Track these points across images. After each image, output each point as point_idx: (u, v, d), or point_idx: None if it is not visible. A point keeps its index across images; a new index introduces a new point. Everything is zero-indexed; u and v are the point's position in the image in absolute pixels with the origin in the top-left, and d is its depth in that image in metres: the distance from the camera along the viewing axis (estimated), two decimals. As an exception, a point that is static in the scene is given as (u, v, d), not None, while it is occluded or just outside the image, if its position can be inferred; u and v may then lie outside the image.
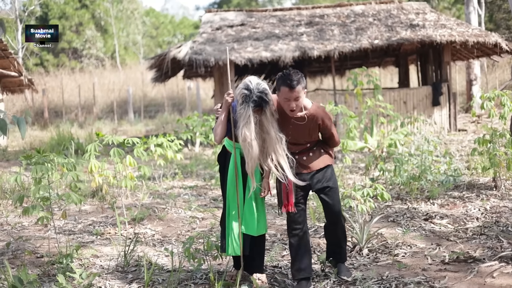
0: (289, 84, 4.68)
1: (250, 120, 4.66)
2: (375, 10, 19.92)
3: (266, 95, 4.71)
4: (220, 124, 4.96)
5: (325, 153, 5.20)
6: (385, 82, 30.22)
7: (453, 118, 17.96)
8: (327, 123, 5.06)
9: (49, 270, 5.60)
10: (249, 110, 4.66)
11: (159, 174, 11.74)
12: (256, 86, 4.71)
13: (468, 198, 8.23)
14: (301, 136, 5.02)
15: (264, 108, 4.73)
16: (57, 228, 7.49)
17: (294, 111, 4.80)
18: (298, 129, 4.96)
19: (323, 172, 5.14)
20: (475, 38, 16.85)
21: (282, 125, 4.91)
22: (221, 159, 5.30)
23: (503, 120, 8.17)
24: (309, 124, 4.96)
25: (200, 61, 16.46)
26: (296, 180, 4.91)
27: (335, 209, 5.18)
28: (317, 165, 5.12)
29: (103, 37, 42.78)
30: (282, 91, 4.74)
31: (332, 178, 5.20)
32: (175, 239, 7.11)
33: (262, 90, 4.71)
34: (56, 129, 19.19)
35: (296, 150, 5.07)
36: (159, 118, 26.76)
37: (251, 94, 4.67)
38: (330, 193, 5.14)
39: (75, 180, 6.05)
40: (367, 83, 12.02)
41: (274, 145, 4.81)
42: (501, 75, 26.35)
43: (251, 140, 4.68)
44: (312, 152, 5.14)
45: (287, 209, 5.02)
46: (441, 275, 5.25)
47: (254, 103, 4.66)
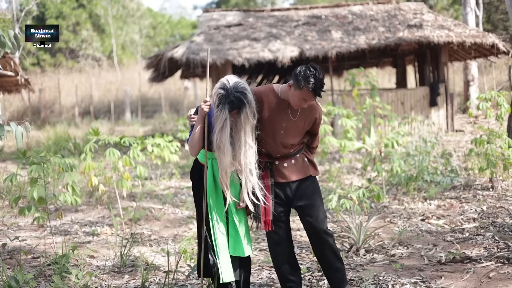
0: (316, 91, 4.24)
1: (226, 124, 4.20)
2: (373, 10, 19.92)
3: (245, 96, 4.21)
4: (195, 136, 4.42)
5: (308, 162, 4.69)
6: (382, 82, 30.21)
7: (450, 118, 17.97)
8: (320, 119, 4.70)
9: (45, 270, 5.59)
10: (225, 112, 4.18)
11: (156, 174, 11.72)
12: (234, 85, 4.22)
13: (464, 198, 8.23)
14: (292, 134, 4.51)
15: (241, 110, 4.22)
16: (53, 229, 7.48)
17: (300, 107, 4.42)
18: (292, 124, 4.48)
19: (305, 185, 4.61)
20: (473, 39, 16.86)
21: (275, 118, 4.46)
22: (194, 174, 4.70)
23: (500, 121, 8.18)
24: (306, 117, 4.51)
25: (197, 61, 16.44)
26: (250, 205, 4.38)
27: (319, 227, 4.56)
28: (297, 175, 4.60)
29: (100, 37, 42.74)
30: (304, 92, 4.26)
31: (315, 193, 4.63)
32: (172, 240, 7.11)
33: (241, 89, 4.21)
34: (53, 129, 19.16)
35: (277, 154, 4.56)
36: (156, 118, 26.75)
37: (228, 95, 4.18)
38: (311, 210, 4.56)
39: (72, 181, 6.04)
40: (365, 83, 12.03)
41: (245, 154, 4.31)
42: (498, 76, 26.36)
43: (224, 147, 4.22)
44: (295, 159, 4.62)
45: (265, 226, 4.51)
46: (438, 275, 5.25)
47: (231, 105, 4.17)
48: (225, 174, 4.33)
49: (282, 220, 4.60)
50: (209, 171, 4.50)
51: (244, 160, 4.30)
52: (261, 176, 4.50)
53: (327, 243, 4.61)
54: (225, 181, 4.35)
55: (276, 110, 4.47)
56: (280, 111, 4.47)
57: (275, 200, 4.56)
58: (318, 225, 4.56)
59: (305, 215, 4.59)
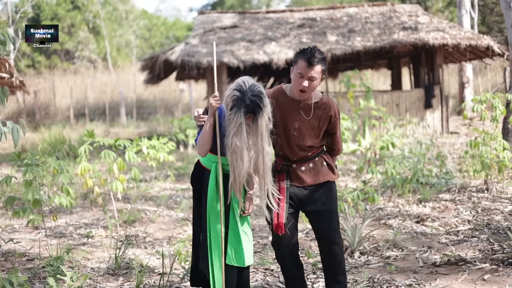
0: (309, 59, 4.08)
1: (241, 128, 3.97)
2: (368, 12, 19.96)
3: (262, 100, 3.99)
4: (205, 134, 4.16)
5: (327, 167, 4.44)
6: (378, 84, 30.25)
7: (445, 120, 18.00)
8: (338, 117, 4.41)
9: (39, 272, 5.57)
10: (240, 116, 3.95)
11: (151, 176, 11.71)
12: (250, 88, 3.99)
13: (459, 200, 8.24)
14: (308, 134, 4.31)
15: (258, 115, 4.00)
16: (48, 231, 7.46)
17: (305, 93, 4.18)
18: (305, 124, 4.29)
19: (321, 191, 4.38)
20: (468, 41, 16.90)
21: (288, 118, 4.29)
22: (195, 179, 4.47)
23: (495, 123, 8.19)
24: (320, 116, 4.30)
25: (192, 63, 16.45)
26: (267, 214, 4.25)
27: (329, 236, 4.39)
28: (315, 179, 4.38)
29: (95, 39, 42.70)
30: (299, 64, 4.12)
31: (331, 199, 4.41)
32: (167, 242, 7.10)
33: (257, 93, 3.99)
34: (48, 131, 19.12)
35: (295, 157, 4.37)
36: (151, 120, 26.72)
37: (244, 97, 3.96)
38: (324, 218, 4.37)
39: (67, 182, 6.03)
40: (360, 85, 12.05)
41: (262, 160, 4.09)
42: (493, 78, 26.43)
43: (241, 152, 4.00)
44: (313, 162, 4.39)
45: (277, 230, 4.29)
46: (432, 277, 5.25)
47: (246, 108, 3.95)
48: (239, 181, 4.09)
49: (291, 222, 4.39)
50: (212, 175, 4.28)
51: (262, 167, 4.11)
52: (277, 178, 4.37)
53: (335, 254, 4.42)
54: (239, 187, 4.12)
55: (287, 111, 4.31)
56: (292, 111, 4.30)
57: (288, 202, 4.37)
58: (330, 234, 4.38)
59: (317, 222, 4.41)
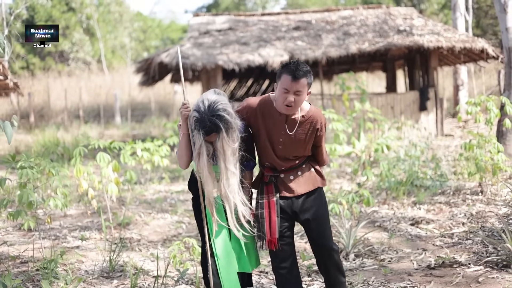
0: (293, 72, 3.94)
1: (202, 151, 3.88)
2: (363, 15, 19.97)
3: (222, 119, 3.82)
4: (181, 145, 4.09)
5: (316, 172, 4.36)
6: (372, 87, 30.30)
7: (440, 123, 18.03)
8: (324, 130, 4.28)
9: (33, 275, 5.55)
10: (200, 139, 3.85)
11: (146, 179, 11.69)
12: (209, 107, 3.83)
13: (454, 203, 8.25)
14: (294, 147, 4.20)
15: (218, 135, 3.86)
16: (42, 233, 7.44)
17: (290, 108, 4.01)
18: (290, 139, 4.16)
19: (312, 198, 4.30)
20: (462, 43, 16.92)
21: (273, 132, 4.14)
22: (192, 186, 4.34)
23: (489, 125, 8.20)
24: (307, 130, 4.17)
25: (187, 65, 16.43)
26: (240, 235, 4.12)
27: (324, 243, 4.30)
28: (305, 188, 4.29)
29: (90, 41, 42.64)
30: (283, 79, 3.98)
31: (322, 206, 4.34)
32: (161, 244, 7.08)
33: (218, 111, 3.82)
34: (42, 133, 19.09)
35: (282, 167, 4.25)
36: (146, 122, 26.70)
37: (203, 118, 3.82)
38: (317, 225, 4.29)
39: (61, 185, 6.01)
40: (355, 88, 12.06)
41: (227, 182, 3.98)
42: (488, 81, 26.49)
43: (204, 175, 3.93)
44: (301, 170, 4.30)
45: (270, 246, 4.22)
46: (427, 280, 5.26)
47: (205, 130, 3.82)
48: (208, 201, 4.04)
49: (287, 235, 4.29)
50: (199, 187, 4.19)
51: (226, 188, 3.98)
52: (265, 191, 4.27)
53: (332, 259, 4.34)
54: (210, 207, 4.05)
55: (272, 124, 4.16)
56: (277, 125, 4.15)
57: (280, 216, 4.25)
58: (324, 241, 4.30)
59: (311, 230, 4.30)
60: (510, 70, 9.85)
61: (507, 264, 5.35)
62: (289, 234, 4.31)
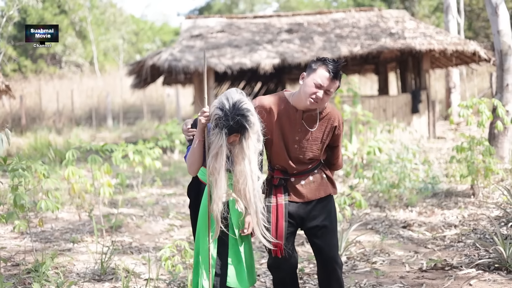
0: (333, 71, 3.79)
1: (221, 151, 3.67)
2: (355, 18, 20.00)
3: (247, 119, 3.65)
4: (195, 152, 3.87)
5: (327, 179, 4.17)
6: (365, 89, 30.34)
7: (432, 125, 18.06)
8: (342, 128, 4.12)
9: (24, 278, 5.53)
10: (221, 137, 3.64)
11: (138, 181, 11.67)
12: (234, 106, 3.65)
13: (446, 205, 8.27)
14: (310, 147, 4.01)
15: (243, 136, 3.69)
16: (34, 236, 7.41)
17: (316, 104, 3.84)
18: (307, 137, 3.99)
19: (321, 205, 4.10)
20: (454, 46, 16.96)
21: (287, 130, 3.98)
22: (192, 191, 4.18)
23: (481, 128, 8.22)
24: (324, 128, 4.01)
25: (179, 67, 16.40)
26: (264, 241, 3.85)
27: (330, 255, 4.08)
28: (316, 194, 4.09)
29: (82, 43, 42.55)
30: (320, 73, 3.80)
31: (331, 214, 4.14)
32: (153, 247, 7.07)
33: (242, 111, 3.65)
34: (34, 135, 19.03)
35: (294, 170, 4.06)
36: (138, 125, 26.66)
37: (227, 117, 3.63)
38: (325, 234, 4.08)
39: (53, 187, 6.00)
40: (347, 91, 12.06)
41: (252, 185, 3.77)
42: (480, 83, 26.58)
43: (218, 176, 3.71)
44: (313, 175, 4.10)
45: (274, 252, 4.02)
46: (419, 282, 5.26)
47: (229, 130, 3.63)
48: (216, 206, 3.76)
49: (291, 243, 4.11)
50: (206, 191, 3.97)
51: (252, 193, 3.77)
52: (273, 193, 4.08)
53: (335, 274, 4.12)
54: (216, 212, 3.77)
55: (288, 122, 3.98)
56: (293, 122, 3.97)
57: (287, 220, 4.06)
58: (330, 252, 4.07)
59: (316, 238, 4.10)
60: (502, 73, 9.87)
61: (498, 266, 5.37)
62: (292, 239, 4.14)
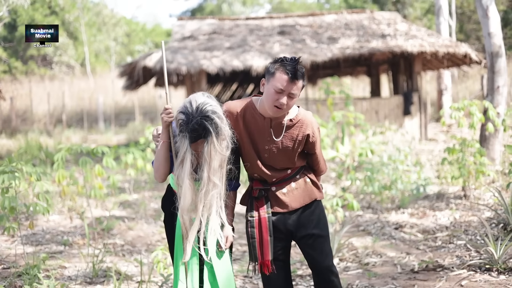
0: (291, 72, 3.45)
1: (186, 157, 3.41)
2: (347, 19, 20.03)
3: (212, 122, 3.37)
4: (159, 155, 3.60)
5: (312, 183, 3.86)
6: (357, 91, 30.40)
7: (423, 127, 18.10)
8: (317, 135, 3.78)
9: (15, 281, 5.50)
10: (185, 143, 3.39)
11: (130, 184, 11.64)
12: (197, 109, 3.38)
13: (437, 207, 8.28)
14: (281, 156, 3.72)
15: (207, 140, 3.39)
16: (24, 238, 7.38)
17: (280, 111, 3.53)
18: (276, 146, 3.69)
19: (308, 212, 3.81)
20: (446, 48, 17.01)
21: (256, 139, 3.69)
22: (167, 204, 3.81)
23: (472, 130, 8.24)
24: (295, 136, 3.69)
25: (171, 69, 16.37)
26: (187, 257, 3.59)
27: (324, 264, 3.80)
28: (301, 201, 3.79)
29: (74, 45, 42.43)
30: (278, 77, 3.47)
31: (321, 221, 3.85)
32: (145, 249, 7.05)
33: (206, 113, 3.37)
34: (25, 137, 18.96)
35: (273, 178, 3.76)
36: (130, 127, 26.60)
37: (189, 121, 3.36)
38: (316, 243, 3.79)
39: (43, 190, 5.97)
40: (340, 93, 12.07)
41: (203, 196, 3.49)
42: (471, 85, 26.65)
43: (184, 186, 3.45)
44: (295, 181, 3.80)
45: (263, 269, 3.74)
46: (411, 283, 5.27)
47: (191, 134, 3.36)
48: (183, 220, 3.56)
49: (280, 259, 3.84)
50: None
51: (202, 201, 3.50)
52: (255, 207, 3.77)
53: (332, 284, 3.84)
54: (186, 224, 3.56)
55: (256, 130, 3.69)
56: (261, 130, 3.68)
57: (273, 236, 3.76)
58: (323, 261, 3.79)
59: (307, 248, 3.82)
60: (493, 75, 9.90)
61: (489, 267, 5.38)
62: (284, 257, 3.88)
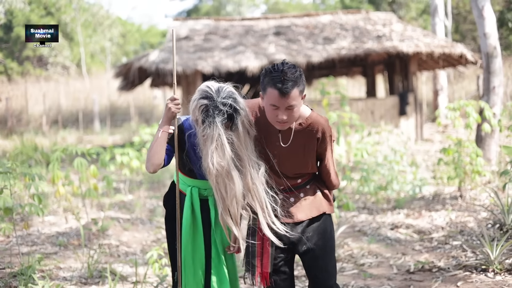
0: (280, 87, 3.19)
1: (222, 141, 3.19)
2: (342, 20, 20.03)
3: (236, 101, 3.26)
4: (157, 144, 3.36)
5: (322, 195, 3.62)
6: (353, 91, 30.40)
7: (419, 127, 18.11)
8: (328, 140, 3.49)
9: (10, 282, 5.48)
10: (216, 127, 3.17)
11: (125, 184, 11.63)
12: (218, 90, 3.26)
13: (433, 207, 8.28)
14: (291, 163, 3.49)
15: (236, 119, 3.24)
16: (19, 239, 7.36)
17: (286, 123, 3.30)
18: (285, 152, 3.46)
19: (314, 225, 3.57)
20: (441, 49, 17.02)
21: (266, 142, 3.46)
22: (170, 201, 3.66)
23: (468, 130, 8.25)
24: (305, 141, 3.44)
25: (166, 70, 16.35)
26: (274, 238, 3.39)
27: (326, 284, 3.59)
28: (307, 213, 3.55)
29: (69, 45, 42.38)
30: (269, 94, 3.23)
31: (326, 236, 3.60)
32: (140, 250, 7.04)
33: (229, 94, 3.27)
34: (20, 138, 18.91)
35: (281, 186, 3.51)
36: (125, 127, 26.57)
37: (215, 103, 3.20)
38: (319, 260, 3.57)
39: (38, 191, 5.95)
40: (335, 93, 12.08)
41: (254, 174, 3.30)
42: (467, 86, 26.68)
43: (229, 173, 3.22)
44: (304, 192, 3.57)
45: (261, 280, 3.55)
46: (406, 284, 5.27)
47: (222, 115, 3.19)
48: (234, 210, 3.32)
49: (283, 271, 3.62)
50: (187, 202, 3.54)
51: (254, 184, 3.31)
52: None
53: None
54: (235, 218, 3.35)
55: (265, 133, 3.47)
56: (270, 134, 3.46)
57: (275, 246, 3.52)
58: (326, 280, 3.58)
59: (310, 264, 3.60)
60: (489, 75, 9.92)
61: (485, 268, 5.37)
62: (286, 269, 3.65)
